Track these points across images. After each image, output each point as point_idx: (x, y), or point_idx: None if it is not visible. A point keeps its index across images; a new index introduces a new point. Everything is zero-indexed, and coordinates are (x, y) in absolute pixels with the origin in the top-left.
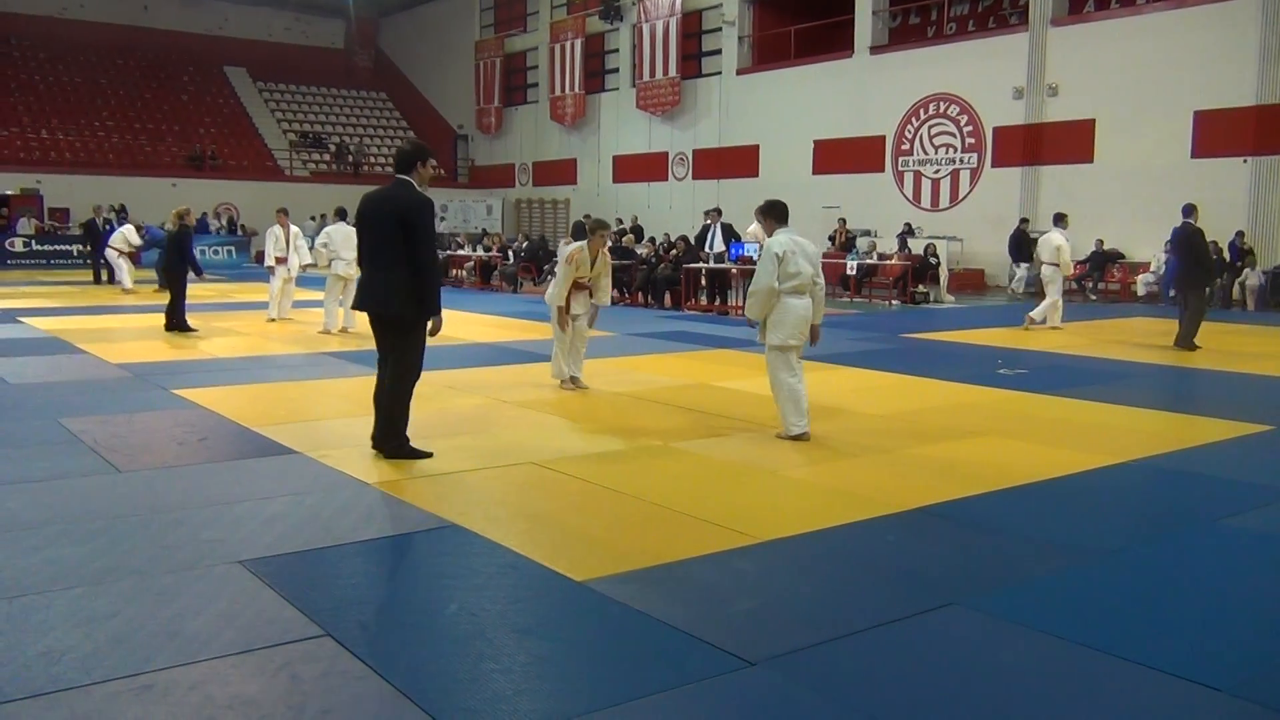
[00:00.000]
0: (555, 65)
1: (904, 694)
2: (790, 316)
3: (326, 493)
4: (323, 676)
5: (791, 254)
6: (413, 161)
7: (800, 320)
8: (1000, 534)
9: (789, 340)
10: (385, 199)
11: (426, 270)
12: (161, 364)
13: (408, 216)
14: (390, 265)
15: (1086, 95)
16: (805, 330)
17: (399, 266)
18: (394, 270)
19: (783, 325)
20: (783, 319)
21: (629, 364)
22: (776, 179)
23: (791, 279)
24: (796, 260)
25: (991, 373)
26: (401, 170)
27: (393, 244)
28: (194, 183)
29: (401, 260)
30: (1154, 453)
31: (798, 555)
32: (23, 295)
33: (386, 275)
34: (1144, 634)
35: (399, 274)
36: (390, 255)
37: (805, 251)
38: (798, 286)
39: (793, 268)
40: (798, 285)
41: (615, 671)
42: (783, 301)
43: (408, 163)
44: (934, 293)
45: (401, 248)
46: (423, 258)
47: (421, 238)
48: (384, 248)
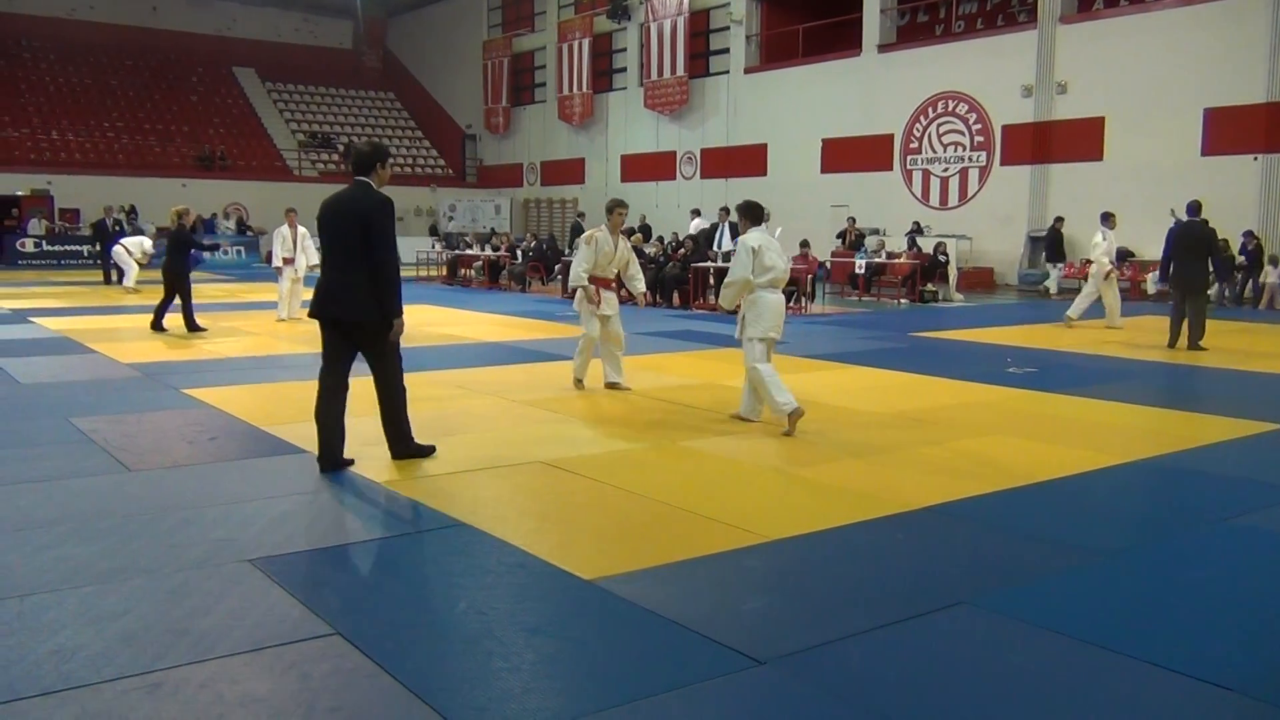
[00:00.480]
0: (563, 65)
1: (913, 693)
2: (767, 310)
3: (335, 492)
4: (332, 674)
5: (766, 249)
6: (372, 162)
7: (776, 313)
8: (1009, 533)
9: (769, 333)
10: (344, 201)
11: (386, 272)
12: (171, 363)
13: (368, 218)
14: (352, 269)
15: (1096, 93)
16: (781, 323)
17: (361, 270)
18: (356, 274)
19: (761, 319)
20: (761, 313)
21: (637, 363)
22: (785, 178)
23: (767, 273)
24: (771, 255)
25: (1001, 371)
26: (360, 172)
27: (354, 247)
28: (203, 183)
29: (363, 263)
30: (1163, 452)
31: (807, 554)
32: (33, 295)
33: (349, 279)
34: (1153, 633)
35: (361, 278)
36: (352, 259)
37: (777, 249)
38: (773, 280)
39: (768, 261)
40: (773, 279)
41: (624, 670)
42: (759, 296)
43: (366, 164)
44: (943, 291)
45: (362, 251)
46: (383, 259)
47: (381, 239)
48: (345, 251)
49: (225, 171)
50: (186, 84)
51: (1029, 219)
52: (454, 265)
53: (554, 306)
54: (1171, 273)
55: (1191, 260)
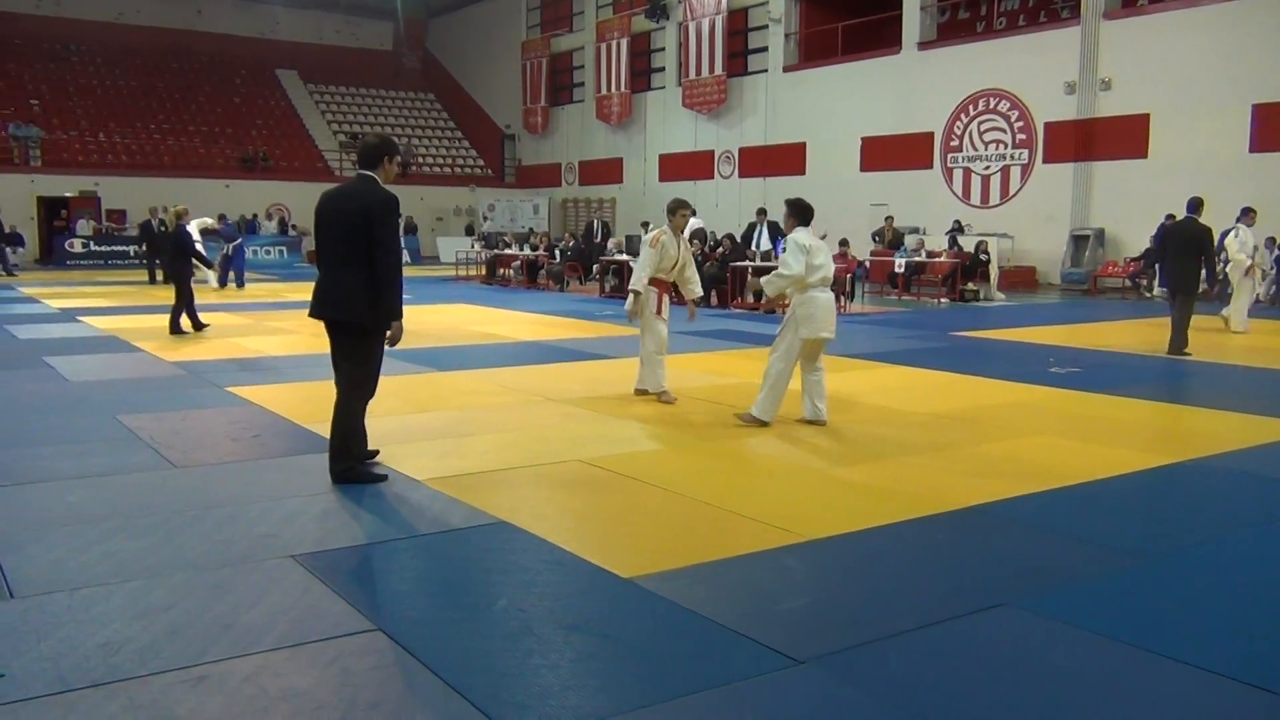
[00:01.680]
0: (601, 65)
1: (953, 695)
2: (819, 309)
3: (376, 488)
4: (373, 670)
5: (814, 248)
6: (379, 156)
7: (828, 311)
8: (1052, 534)
9: (820, 332)
10: (346, 196)
11: (388, 272)
12: (216, 362)
13: (371, 214)
14: (349, 267)
15: (1140, 89)
16: (833, 321)
17: (359, 268)
18: (353, 272)
19: (814, 319)
20: (812, 312)
21: (676, 362)
22: (823, 177)
23: (816, 271)
24: (819, 255)
25: (1043, 371)
26: (366, 166)
27: (353, 244)
28: (246, 184)
29: (362, 261)
30: (1210, 453)
31: (846, 554)
32: (81, 295)
33: (345, 278)
34: (1198, 636)
35: (359, 277)
36: (349, 256)
37: (823, 249)
38: (824, 279)
39: (817, 260)
40: (823, 277)
41: (662, 668)
42: (810, 295)
43: (373, 157)
44: (984, 290)
45: (363, 248)
46: (385, 259)
47: (384, 237)
48: (343, 248)
49: (267, 172)
50: (230, 86)
51: (1072, 217)
52: (493, 265)
53: (592, 306)
54: (1164, 273)
55: (1182, 260)
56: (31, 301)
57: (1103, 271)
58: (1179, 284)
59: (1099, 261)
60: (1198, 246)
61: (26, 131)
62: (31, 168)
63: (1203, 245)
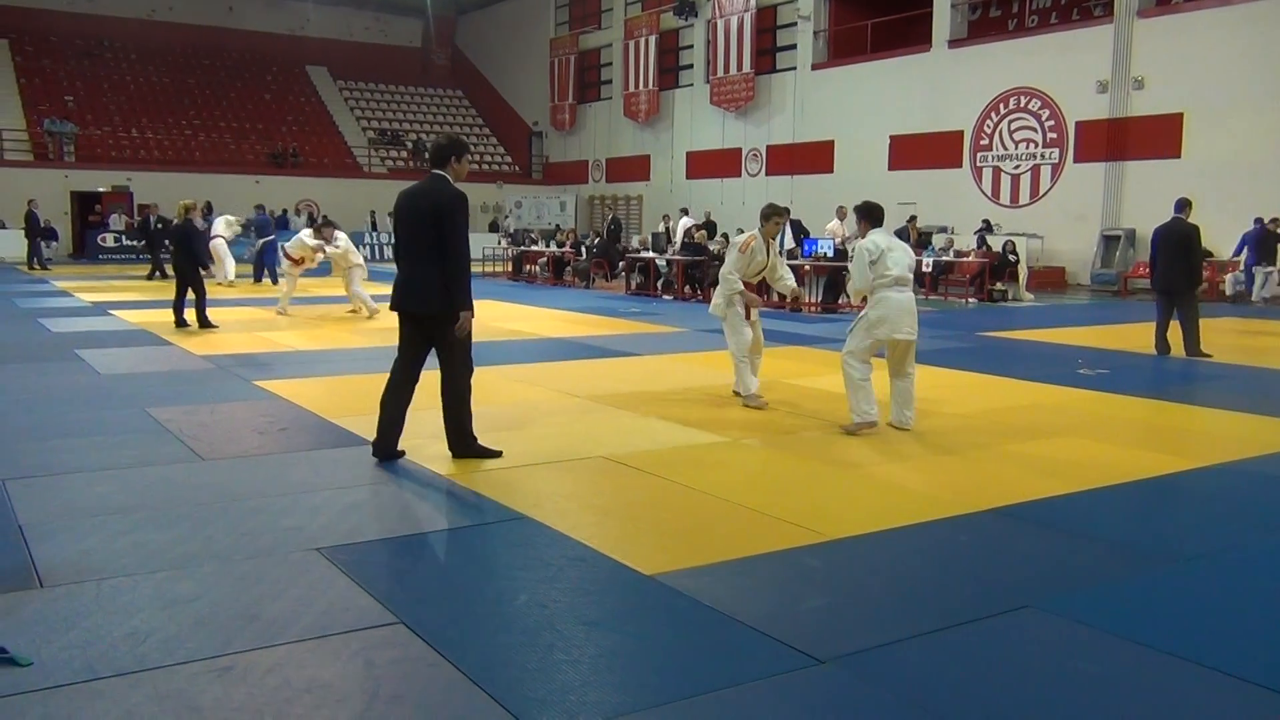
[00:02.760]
0: (629, 62)
1: (976, 697)
2: (891, 310)
3: (401, 483)
4: (396, 663)
5: (888, 251)
6: (447, 156)
7: (903, 312)
8: (1079, 536)
9: (893, 334)
10: (419, 195)
11: (456, 265)
12: (244, 356)
13: (441, 211)
14: (426, 261)
15: (1174, 88)
16: (912, 321)
17: (433, 262)
18: (429, 267)
19: (885, 321)
20: (884, 314)
21: (701, 360)
22: (851, 175)
23: (887, 272)
24: (894, 256)
25: (1072, 372)
26: (436, 165)
27: (428, 240)
28: (276, 179)
29: (435, 256)
30: (1241, 457)
31: (870, 554)
32: (113, 289)
33: (422, 272)
34: (1227, 641)
35: (433, 270)
36: (424, 252)
37: (901, 248)
38: (897, 279)
39: (889, 263)
40: (896, 278)
41: (683, 666)
42: (882, 295)
43: (442, 157)
44: (1012, 290)
45: (436, 244)
46: (454, 252)
47: (453, 232)
48: (418, 244)
49: (297, 168)
50: (261, 83)
51: (1103, 217)
52: (519, 261)
53: (617, 303)
54: (1156, 275)
55: (1172, 261)
56: (64, 295)
57: (1133, 272)
58: (1171, 284)
59: (1129, 262)
60: (1186, 246)
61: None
62: (66, 163)
63: (1190, 245)
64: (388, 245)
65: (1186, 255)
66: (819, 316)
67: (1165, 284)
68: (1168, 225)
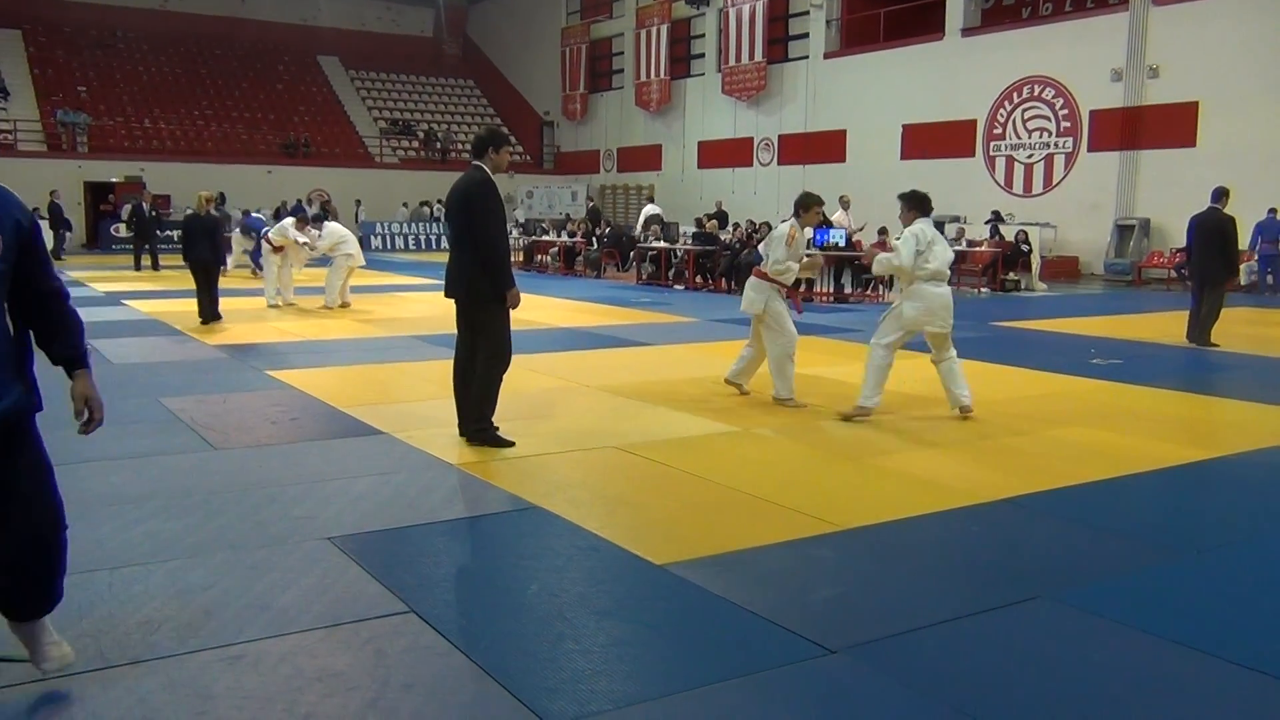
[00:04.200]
0: (641, 51)
1: (987, 686)
2: (929, 302)
3: (412, 473)
4: (407, 651)
5: (935, 242)
6: (484, 147)
7: (939, 304)
8: (1090, 527)
9: (929, 326)
10: (457, 186)
11: (486, 249)
12: (256, 346)
13: (468, 197)
14: (462, 248)
15: (1189, 77)
16: (947, 315)
17: (467, 250)
18: (463, 254)
19: (921, 312)
20: (920, 305)
21: (711, 350)
22: (864, 164)
23: (926, 265)
24: (937, 249)
25: (1084, 363)
26: (476, 156)
27: (461, 228)
28: (288, 169)
29: (469, 243)
30: (1255, 447)
31: (880, 544)
32: (126, 279)
33: (460, 258)
34: (1242, 633)
35: (466, 257)
36: (461, 238)
37: (944, 243)
38: (934, 273)
39: (931, 254)
40: (934, 271)
41: (694, 655)
42: (919, 288)
43: (479, 148)
44: (1025, 280)
45: (468, 231)
46: (481, 235)
47: (478, 217)
48: (455, 232)
49: (309, 158)
50: (273, 73)
51: (1117, 207)
52: (530, 251)
53: (629, 293)
54: (1191, 264)
55: (1207, 251)
56: (79, 285)
57: (1147, 262)
58: (1204, 275)
59: (1144, 252)
60: (1221, 237)
61: (74, 118)
62: (79, 154)
63: (1226, 235)
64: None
65: (1223, 246)
66: (830, 306)
67: (1201, 274)
68: (1204, 215)
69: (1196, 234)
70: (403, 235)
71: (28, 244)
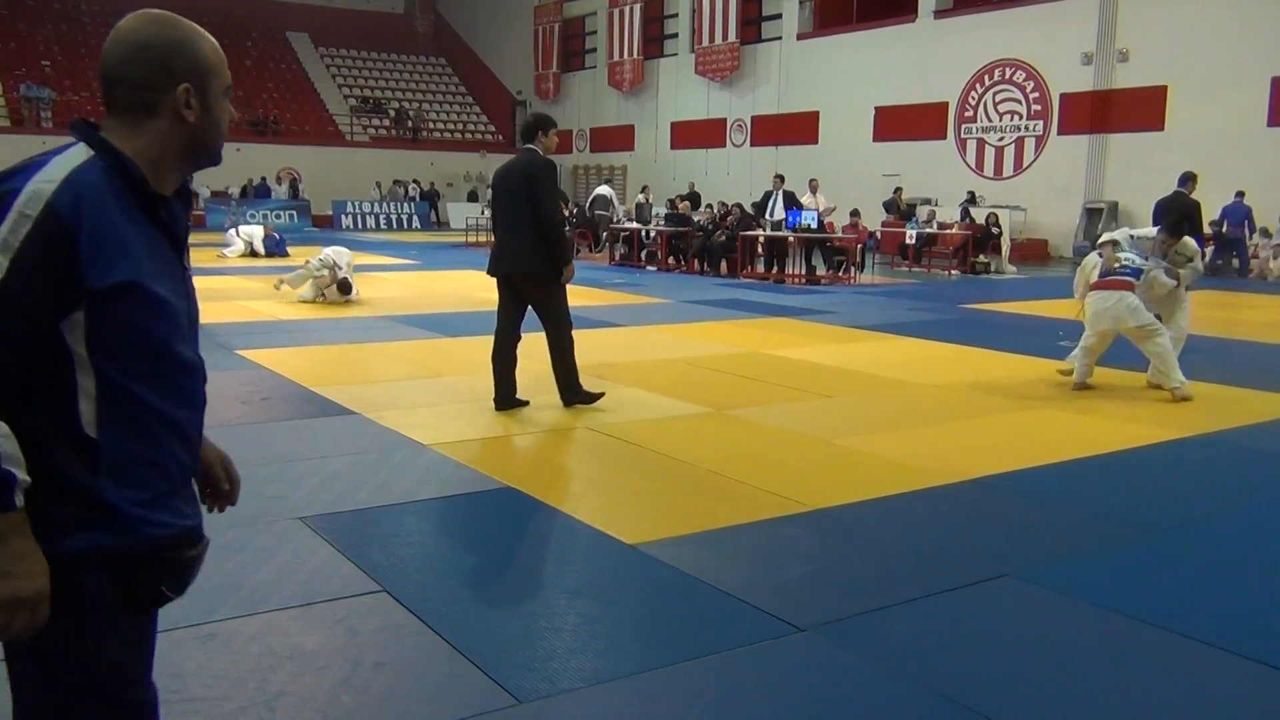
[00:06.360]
0: (614, 30)
1: (954, 663)
2: (1094, 308)
3: (385, 453)
4: (379, 631)
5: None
6: (534, 131)
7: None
8: (1057, 507)
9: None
10: (513, 168)
11: (552, 227)
12: (225, 325)
13: (532, 180)
14: (521, 227)
15: (1158, 61)
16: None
17: (528, 228)
18: (525, 230)
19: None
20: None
21: (684, 331)
22: (837, 146)
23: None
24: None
25: (1053, 345)
26: (526, 139)
27: (521, 207)
28: (257, 147)
29: (530, 221)
30: (1221, 428)
31: (850, 524)
32: None
33: (518, 237)
34: (1204, 611)
35: (528, 234)
36: (520, 218)
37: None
38: None
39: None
40: None
41: (665, 633)
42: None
43: (530, 132)
44: (995, 263)
45: (529, 210)
46: (548, 216)
47: (544, 197)
48: (514, 211)
49: (279, 136)
50: (241, 49)
51: (1086, 190)
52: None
53: (601, 274)
54: None
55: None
56: None
57: None
58: None
59: None
60: (1186, 221)
61: (38, 93)
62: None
63: (1191, 219)
64: None
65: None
66: (801, 288)
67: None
68: (1168, 199)
69: (1162, 218)
70: (374, 215)
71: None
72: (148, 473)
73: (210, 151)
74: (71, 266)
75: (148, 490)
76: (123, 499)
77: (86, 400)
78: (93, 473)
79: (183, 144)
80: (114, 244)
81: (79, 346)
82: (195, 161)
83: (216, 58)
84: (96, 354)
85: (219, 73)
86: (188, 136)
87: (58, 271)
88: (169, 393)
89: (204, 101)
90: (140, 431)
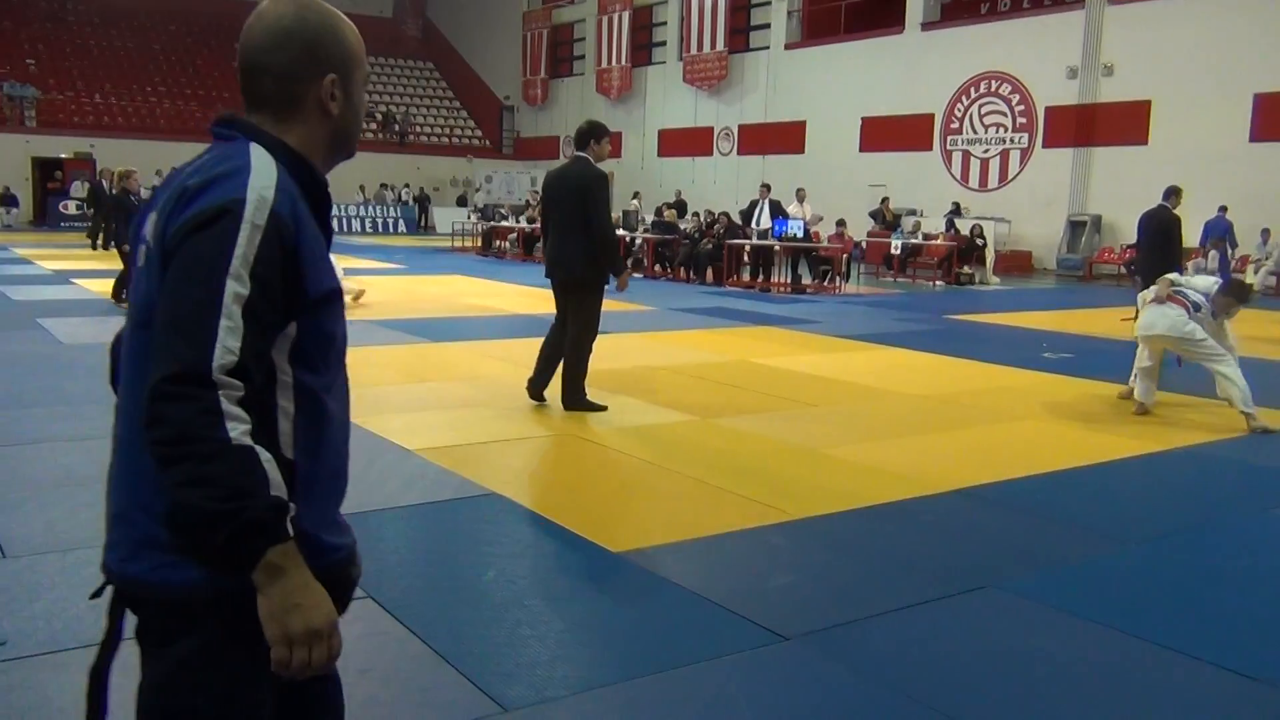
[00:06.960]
0: (602, 37)
1: (936, 673)
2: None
3: (370, 458)
4: (363, 637)
5: None
6: (587, 139)
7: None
8: (1038, 518)
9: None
10: (565, 175)
11: (603, 235)
12: None
13: (586, 189)
14: (572, 234)
15: (1143, 76)
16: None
17: (579, 234)
18: (575, 238)
19: None
20: None
21: (669, 339)
22: (823, 156)
23: None
24: None
25: (1036, 356)
26: (579, 147)
27: (574, 214)
28: None
29: (581, 228)
30: (1202, 440)
31: (834, 533)
32: (75, 257)
33: (570, 243)
34: (1183, 622)
35: (579, 241)
36: (572, 227)
37: None
38: None
39: None
40: None
41: (649, 641)
42: None
43: (583, 140)
44: (979, 274)
45: (580, 220)
46: (600, 225)
47: (597, 208)
48: (566, 221)
49: None
50: (228, 49)
51: (1070, 202)
52: (489, 236)
53: None
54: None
55: (1151, 248)
56: (25, 263)
57: (1098, 258)
58: (1147, 271)
59: (1095, 248)
60: (1165, 234)
61: (22, 91)
62: (26, 128)
63: (1168, 233)
64: None
65: (1165, 243)
66: (787, 297)
67: (1144, 270)
68: (1152, 211)
69: (1143, 231)
70: (359, 218)
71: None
72: (328, 485)
73: (351, 146)
74: (295, 276)
75: (325, 508)
76: (310, 523)
77: (285, 420)
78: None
79: (328, 138)
80: (318, 249)
81: (283, 361)
82: (336, 157)
83: (359, 45)
84: (298, 367)
85: (361, 61)
86: (332, 130)
87: (287, 282)
88: (342, 397)
89: (347, 92)
90: (327, 443)
